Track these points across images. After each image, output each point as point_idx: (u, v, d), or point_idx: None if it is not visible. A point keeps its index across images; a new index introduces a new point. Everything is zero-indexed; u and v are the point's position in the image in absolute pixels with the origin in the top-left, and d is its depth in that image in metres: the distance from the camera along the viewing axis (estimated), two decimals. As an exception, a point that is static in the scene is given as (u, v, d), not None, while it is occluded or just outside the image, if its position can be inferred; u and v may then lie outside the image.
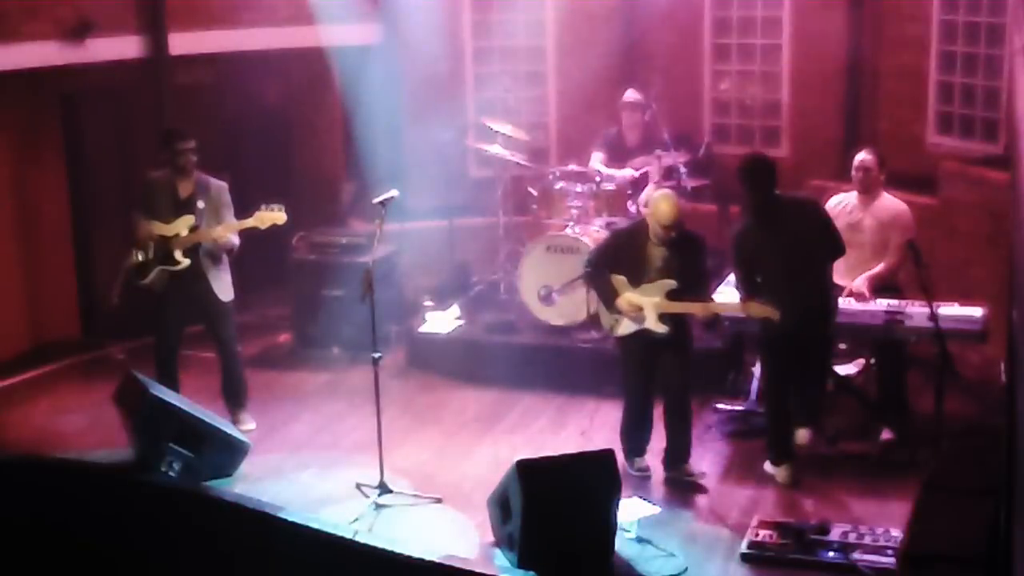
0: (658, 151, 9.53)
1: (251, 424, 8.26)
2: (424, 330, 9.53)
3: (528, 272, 9.21)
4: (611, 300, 7.31)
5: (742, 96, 11.17)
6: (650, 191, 9.10)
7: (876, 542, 6.40)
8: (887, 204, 7.85)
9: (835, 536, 6.47)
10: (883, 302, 7.62)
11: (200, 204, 7.99)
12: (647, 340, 7.28)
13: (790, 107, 10.96)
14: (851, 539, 6.44)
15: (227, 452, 7.57)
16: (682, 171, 9.60)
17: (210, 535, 6.86)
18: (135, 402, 7.46)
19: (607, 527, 6.40)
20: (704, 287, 7.39)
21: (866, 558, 6.28)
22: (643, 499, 7.07)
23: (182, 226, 7.97)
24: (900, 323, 7.47)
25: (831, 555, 6.34)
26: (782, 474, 7.32)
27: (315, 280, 9.67)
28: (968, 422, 7.79)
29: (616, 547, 6.44)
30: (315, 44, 10.32)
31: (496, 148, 9.91)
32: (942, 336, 7.20)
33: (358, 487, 7.28)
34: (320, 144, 11.66)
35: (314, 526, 6.57)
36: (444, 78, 11.23)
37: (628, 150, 9.65)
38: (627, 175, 9.41)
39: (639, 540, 6.62)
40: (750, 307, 7.03)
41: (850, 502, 7.07)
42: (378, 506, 7.10)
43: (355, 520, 6.91)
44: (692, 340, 7.50)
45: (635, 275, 7.27)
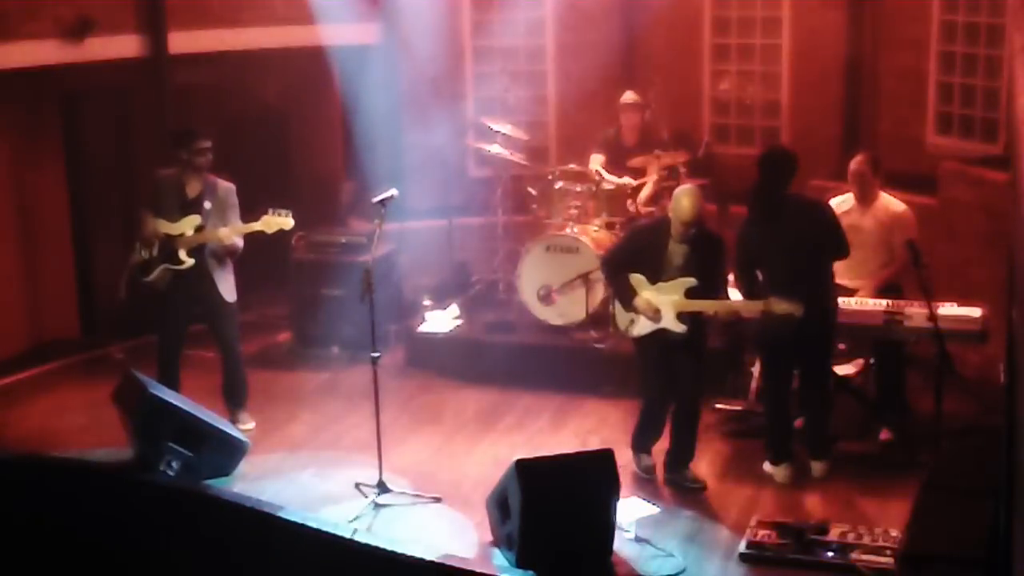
0: (657, 151, 9.52)
1: (250, 423, 8.26)
2: (423, 329, 9.53)
3: (527, 272, 9.21)
4: (629, 299, 7.22)
5: (742, 96, 11.17)
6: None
7: (875, 542, 6.39)
8: (887, 205, 7.85)
9: (834, 536, 6.46)
10: (882, 302, 7.62)
11: (207, 205, 7.99)
12: (663, 340, 7.21)
13: (789, 107, 10.95)
14: (850, 539, 6.43)
15: (226, 451, 7.57)
16: (681, 171, 9.60)
17: (209, 535, 6.85)
18: (134, 401, 7.46)
19: (606, 527, 6.39)
20: (722, 287, 7.31)
21: (865, 558, 6.28)
22: (642, 499, 7.08)
23: (188, 226, 7.97)
24: (899, 323, 7.47)
25: (830, 555, 6.34)
26: (781, 474, 7.33)
27: (314, 279, 9.67)
28: (967, 422, 7.78)
29: (615, 547, 6.43)
30: (315, 43, 10.30)
31: (496, 148, 9.90)
32: (941, 336, 7.19)
33: (357, 486, 7.27)
34: (320, 143, 11.66)
35: (313, 525, 6.57)
36: (444, 78, 11.23)
37: (627, 150, 9.63)
38: (626, 183, 9.38)
39: (638, 540, 6.62)
40: (772, 304, 6.91)
41: (849, 502, 7.06)
42: (377, 505, 7.10)
43: (354, 519, 6.91)
44: (706, 342, 7.45)
45: (654, 273, 7.18)
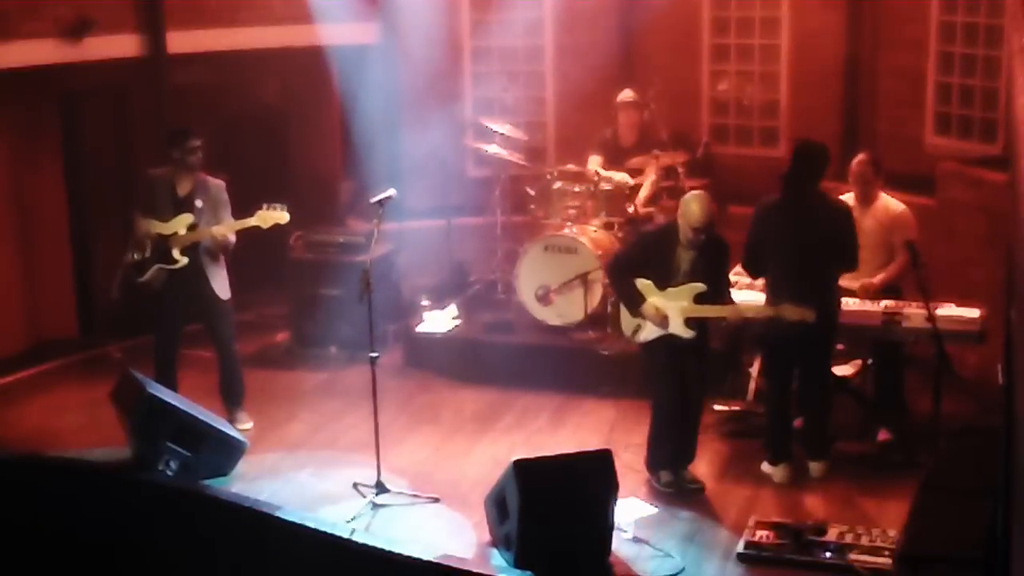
0: (656, 151, 9.52)
1: (248, 423, 8.26)
2: (422, 329, 9.53)
3: (526, 272, 9.21)
4: (636, 305, 7.14)
5: (740, 96, 11.17)
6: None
7: (873, 542, 6.39)
8: (887, 206, 7.85)
9: (832, 536, 6.46)
10: (881, 303, 7.62)
11: (199, 203, 7.99)
12: (670, 345, 7.16)
13: (788, 107, 10.94)
14: (848, 539, 6.43)
15: (224, 451, 7.56)
16: (680, 171, 9.60)
17: (207, 534, 6.84)
18: (133, 401, 7.46)
19: (604, 527, 6.39)
20: (727, 291, 7.28)
21: (863, 558, 6.28)
22: (640, 499, 7.08)
23: (180, 224, 7.97)
24: (898, 324, 7.47)
25: (828, 555, 6.34)
26: (780, 474, 7.33)
27: (313, 279, 9.67)
28: (966, 423, 7.78)
29: (613, 547, 6.43)
30: (313, 43, 10.30)
31: (494, 148, 9.91)
32: (940, 337, 7.20)
33: (355, 486, 7.27)
34: (318, 143, 11.65)
35: (311, 525, 6.56)
36: (442, 77, 11.22)
37: (625, 150, 9.63)
38: (624, 180, 9.38)
39: (636, 540, 6.62)
40: (784, 309, 6.87)
41: (847, 502, 7.06)
42: (375, 505, 7.10)
43: (352, 519, 6.91)
44: (709, 344, 7.41)
45: (661, 278, 7.10)
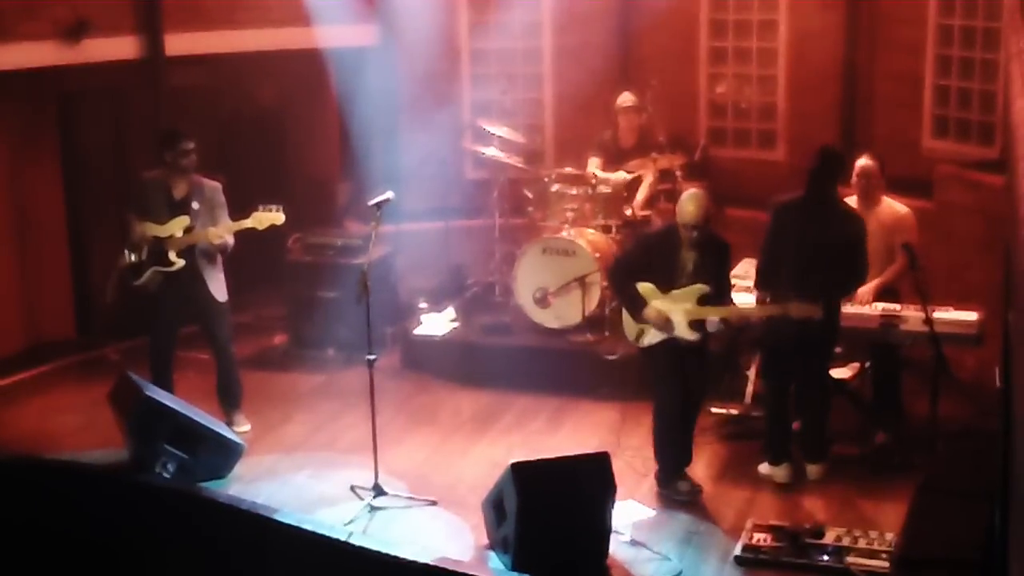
0: (654, 154, 9.52)
1: (246, 425, 8.25)
2: (419, 332, 9.52)
3: (523, 274, 9.20)
4: (639, 310, 7.08)
5: (738, 99, 11.17)
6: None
7: (871, 545, 6.39)
8: (889, 209, 7.85)
9: (830, 539, 6.46)
10: (879, 305, 7.62)
11: (195, 205, 7.98)
12: (673, 349, 7.12)
13: (786, 110, 10.94)
14: (846, 542, 6.43)
15: (222, 453, 7.56)
16: (678, 174, 9.60)
17: (204, 537, 6.83)
18: (130, 403, 7.45)
19: (602, 530, 6.39)
20: (729, 292, 7.25)
21: (860, 561, 6.27)
22: (638, 502, 7.07)
23: (176, 227, 7.96)
24: (896, 326, 7.48)
25: (825, 558, 6.33)
26: (780, 474, 7.32)
27: (310, 281, 9.66)
28: (963, 425, 7.79)
29: (611, 550, 6.43)
30: (311, 45, 10.28)
31: (492, 150, 9.90)
32: (938, 339, 7.20)
33: (353, 489, 7.27)
34: (316, 145, 11.65)
35: (309, 528, 6.53)
36: (441, 80, 11.22)
37: (624, 153, 9.63)
38: (621, 178, 9.39)
39: (634, 543, 6.62)
40: (791, 307, 6.87)
41: (845, 505, 7.06)
42: (373, 508, 7.09)
43: (350, 522, 6.91)
44: (709, 346, 7.40)
45: (665, 281, 7.05)
